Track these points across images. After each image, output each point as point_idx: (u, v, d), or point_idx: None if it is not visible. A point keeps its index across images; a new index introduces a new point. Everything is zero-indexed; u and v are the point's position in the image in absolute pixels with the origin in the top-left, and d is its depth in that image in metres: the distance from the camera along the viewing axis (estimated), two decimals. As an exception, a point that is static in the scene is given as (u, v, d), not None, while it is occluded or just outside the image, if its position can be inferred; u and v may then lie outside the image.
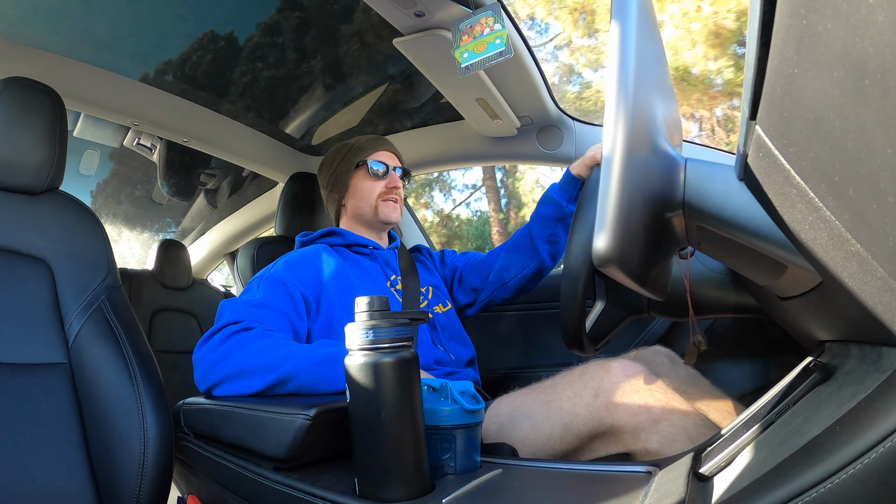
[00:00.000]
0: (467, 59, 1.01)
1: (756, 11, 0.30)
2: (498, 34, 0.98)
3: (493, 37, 0.99)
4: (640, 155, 0.46)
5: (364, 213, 1.12)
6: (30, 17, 1.12)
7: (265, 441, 0.64)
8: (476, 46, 1.00)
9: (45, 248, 0.87)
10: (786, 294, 0.51)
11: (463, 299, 1.21)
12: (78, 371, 0.82)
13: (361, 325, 0.55)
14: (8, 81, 0.88)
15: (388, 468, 0.52)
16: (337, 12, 1.14)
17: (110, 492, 0.77)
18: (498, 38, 0.98)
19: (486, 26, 0.99)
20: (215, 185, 2.07)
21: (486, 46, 0.99)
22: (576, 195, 1.07)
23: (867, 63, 0.23)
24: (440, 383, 0.61)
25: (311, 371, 0.73)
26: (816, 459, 0.32)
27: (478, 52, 1.00)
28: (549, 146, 1.41)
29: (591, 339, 0.83)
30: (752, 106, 0.34)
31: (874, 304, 0.31)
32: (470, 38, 1.01)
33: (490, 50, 0.99)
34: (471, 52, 1.01)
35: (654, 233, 0.51)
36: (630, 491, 0.49)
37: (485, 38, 0.99)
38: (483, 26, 0.99)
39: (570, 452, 0.74)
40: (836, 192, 0.29)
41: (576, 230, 0.81)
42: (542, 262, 1.13)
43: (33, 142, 0.87)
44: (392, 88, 1.44)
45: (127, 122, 1.43)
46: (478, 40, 1.00)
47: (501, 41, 0.98)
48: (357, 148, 1.15)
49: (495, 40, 0.99)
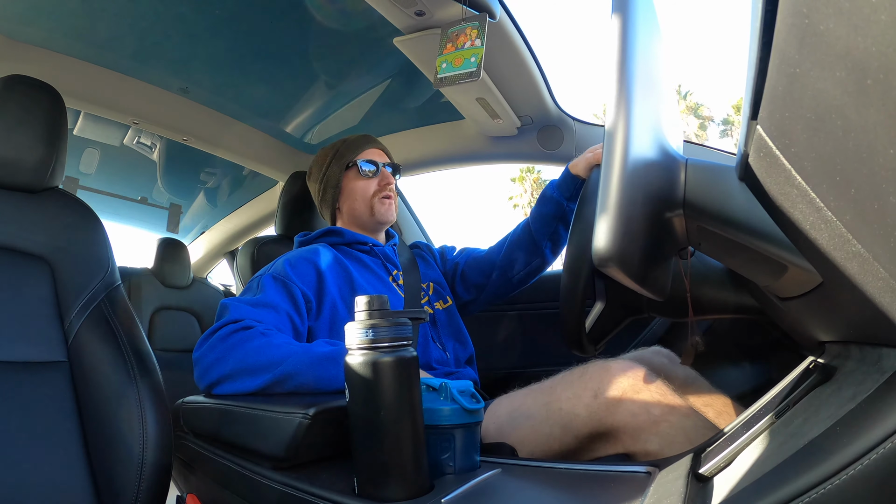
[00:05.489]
0: (443, 71, 0.99)
1: (757, 11, 0.30)
2: (474, 52, 0.96)
3: (469, 53, 0.97)
4: (640, 155, 0.46)
5: (360, 214, 1.12)
6: (30, 16, 1.12)
7: (264, 440, 0.64)
8: (455, 59, 0.98)
9: (45, 246, 0.87)
10: (786, 294, 0.51)
11: (465, 296, 1.21)
12: (77, 370, 0.82)
13: (361, 324, 0.55)
14: (8, 79, 0.88)
15: (388, 467, 0.52)
16: (338, 11, 1.14)
17: (109, 490, 0.77)
18: (473, 56, 0.96)
19: (469, 39, 0.97)
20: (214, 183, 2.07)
21: (462, 62, 0.98)
22: (575, 193, 1.07)
23: (869, 63, 0.23)
24: (440, 383, 0.61)
25: (311, 370, 0.73)
26: (816, 460, 0.32)
27: (454, 66, 0.98)
28: (550, 146, 1.40)
29: (591, 340, 0.83)
30: (754, 106, 0.34)
31: (875, 304, 0.31)
32: (453, 46, 0.99)
33: (464, 67, 0.97)
34: (449, 63, 0.99)
35: (655, 233, 0.51)
36: (629, 491, 0.49)
37: (464, 51, 0.97)
38: (466, 38, 0.98)
39: (570, 453, 0.74)
40: (837, 193, 0.29)
41: (575, 230, 0.81)
42: (545, 257, 1.15)
43: (33, 140, 0.86)
44: (392, 87, 1.44)
45: (127, 120, 1.43)
46: (457, 52, 0.98)
47: (475, 60, 0.96)
48: (344, 150, 1.14)
49: (470, 58, 0.97)
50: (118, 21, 1.14)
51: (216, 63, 1.33)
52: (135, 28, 1.17)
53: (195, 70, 1.34)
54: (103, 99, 1.34)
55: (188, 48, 1.26)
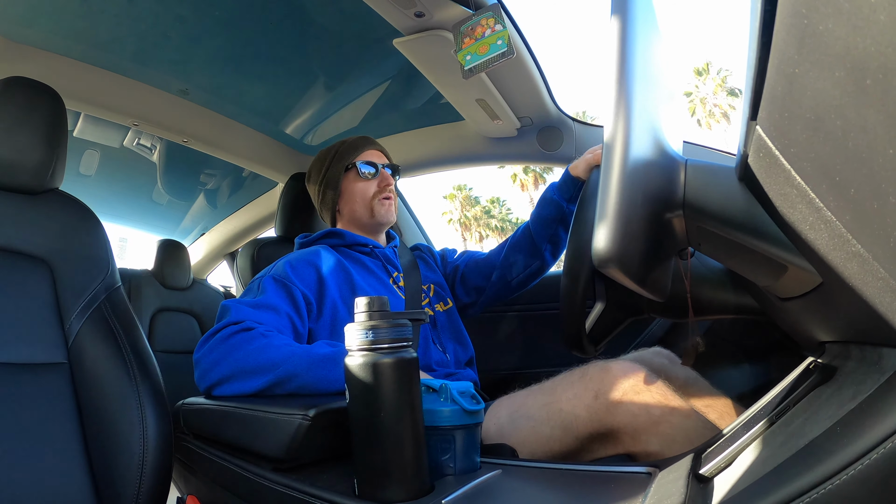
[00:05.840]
0: (471, 62, 1.01)
1: (757, 11, 0.30)
2: (499, 35, 0.98)
3: (494, 38, 0.99)
4: (640, 155, 0.46)
5: (361, 215, 1.12)
6: (30, 17, 1.12)
7: (264, 441, 0.64)
8: (478, 48, 1.00)
9: (45, 247, 0.87)
10: (786, 295, 0.51)
11: (465, 298, 1.21)
12: (77, 371, 0.82)
13: (361, 325, 0.55)
14: (8, 81, 0.88)
15: (388, 469, 0.52)
16: (337, 12, 1.14)
17: (109, 491, 0.77)
18: (500, 39, 0.98)
19: (487, 27, 0.99)
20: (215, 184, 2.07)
21: (488, 48, 0.99)
22: (575, 195, 1.07)
23: (869, 63, 0.23)
24: (440, 384, 0.61)
25: (311, 371, 0.73)
26: (817, 460, 0.32)
27: (480, 54, 1.00)
28: (550, 147, 1.41)
29: (591, 341, 0.83)
30: (753, 106, 0.34)
31: (875, 304, 0.31)
32: (472, 39, 1.01)
33: (493, 51, 0.99)
34: (473, 54, 1.00)
35: (655, 233, 0.51)
36: (630, 491, 0.49)
37: (486, 39, 0.99)
38: (484, 28, 0.99)
39: (570, 454, 0.74)
40: (837, 193, 0.29)
41: (575, 231, 0.81)
42: (544, 260, 1.15)
43: (33, 141, 0.87)
44: (392, 88, 1.44)
45: (127, 122, 1.44)
46: (479, 42, 1.00)
47: (503, 42, 0.98)
48: (343, 151, 1.14)
49: (497, 41, 0.98)
50: (118, 23, 1.14)
51: (216, 64, 1.33)
52: (134, 29, 1.17)
53: (195, 71, 1.34)
54: (103, 100, 1.34)
55: (188, 50, 1.26)
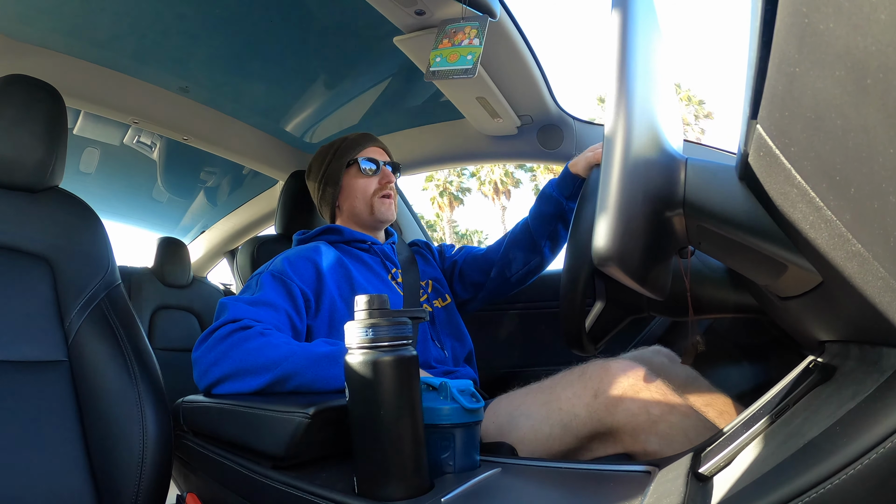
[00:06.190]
0: (437, 65, 0.99)
1: (757, 10, 0.30)
2: (472, 50, 0.96)
3: (466, 51, 0.97)
4: (640, 154, 0.46)
5: (360, 212, 1.12)
6: (30, 15, 1.12)
7: (264, 439, 0.64)
8: (450, 55, 0.98)
9: (45, 245, 0.87)
10: (786, 294, 0.51)
11: (463, 294, 1.21)
12: (77, 369, 0.82)
13: (361, 323, 0.55)
14: (8, 79, 0.88)
15: (387, 467, 0.52)
16: (338, 10, 1.14)
17: (109, 489, 0.77)
18: (470, 54, 0.96)
19: (468, 37, 0.97)
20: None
21: (457, 58, 0.97)
22: (574, 192, 1.07)
23: (869, 62, 0.23)
24: (439, 382, 0.61)
25: (311, 369, 0.73)
26: (816, 460, 0.32)
27: (449, 62, 0.98)
28: (550, 145, 1.41)
29: (591, 339, 0.83)
30: (753, 105, 0.34)
31: (875, 304, 0.31)
32: (449, 42, 0.99)
33: (459, 63, 0.97)
34: (443, 58, 0.98)
35: (655, 232, 0.51)
36: (629, 490, 0.49)
37: (460, 49, 0.97)
38: (464, 36, 0.98)
39: (570, 453, 0.74)
40: (837, 192, 0.29)
41: (575, 230, 0.81)
42: (544, 256, 1.15)
43: (33, 139, 0.86)
44: (392, 86, 1.44)
45: (127, 119, 1.43)
46: (453, 49, 0.98)
47: (472, 59, 0.96)
48: (344, 147, 1.14)
49: (467, 55, 0.96)
50: (118, 20, 1.14)
51: (216, 62, 1.33)
52: (135, 27, 1.17)
53: (195, 69, 1.34)
54: (103, 98, 1.34)
55: (188, 47, 1.26)
